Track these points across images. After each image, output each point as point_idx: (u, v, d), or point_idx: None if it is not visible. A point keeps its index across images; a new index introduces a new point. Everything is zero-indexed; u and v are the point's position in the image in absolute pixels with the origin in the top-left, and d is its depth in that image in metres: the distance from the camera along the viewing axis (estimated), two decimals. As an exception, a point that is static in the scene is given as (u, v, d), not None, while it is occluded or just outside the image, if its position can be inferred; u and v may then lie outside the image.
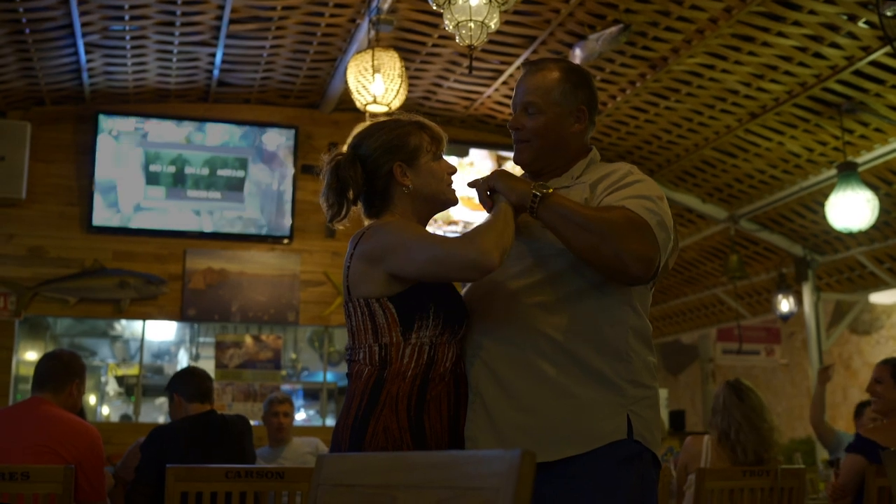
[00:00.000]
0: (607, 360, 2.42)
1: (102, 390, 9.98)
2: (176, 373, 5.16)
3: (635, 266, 2.34)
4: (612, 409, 2.39)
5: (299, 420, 9.71)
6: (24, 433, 4.01)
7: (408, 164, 2.62)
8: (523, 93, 2.66)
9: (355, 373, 2.50)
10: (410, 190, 2.62)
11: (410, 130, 2.66)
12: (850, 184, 7.42)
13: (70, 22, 6.96)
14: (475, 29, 4.52)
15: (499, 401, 2.42)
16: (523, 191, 2.43)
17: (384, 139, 2.64)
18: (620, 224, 2.34)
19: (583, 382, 2.39)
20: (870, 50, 6.40)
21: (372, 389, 2.42)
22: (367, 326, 2.47)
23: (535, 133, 2.63)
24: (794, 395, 12.99)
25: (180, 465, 3.71)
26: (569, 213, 2.37)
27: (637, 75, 7.55)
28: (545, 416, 2.38)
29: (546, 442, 2.36)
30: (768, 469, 4.43)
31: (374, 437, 2.36)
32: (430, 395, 2.43)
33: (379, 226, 2.54)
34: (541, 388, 2.40)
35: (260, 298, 8.98)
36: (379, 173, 2.62)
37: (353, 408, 2.43)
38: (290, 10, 7.15)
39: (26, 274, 8.48)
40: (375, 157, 2.62)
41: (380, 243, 2.46)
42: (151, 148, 8.92)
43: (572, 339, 2.42)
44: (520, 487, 1.27)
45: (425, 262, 2.38)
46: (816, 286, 9.99)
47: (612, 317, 2.46)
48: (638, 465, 2.39)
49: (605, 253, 2.34)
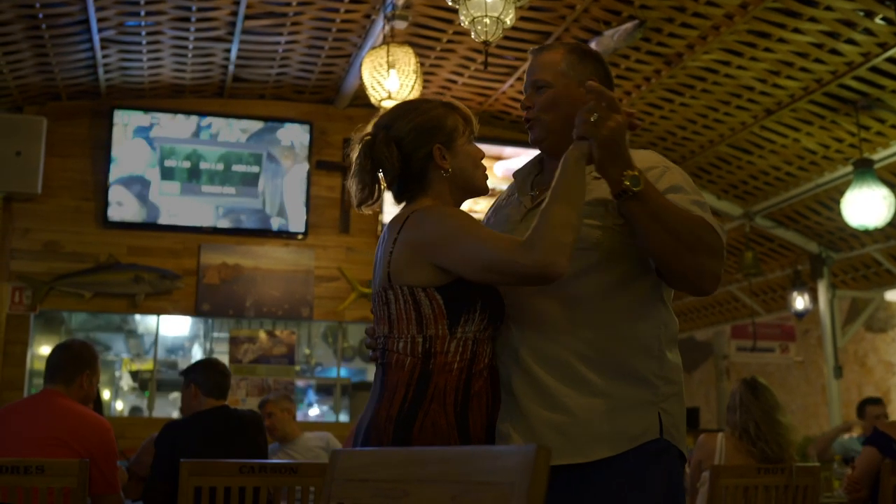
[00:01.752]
0: (640, 357, 2.37)
1: (116, 385, 10.02)
2: (197, 361, 5.13)
3: (710, 284, 2.33)
4: (644, 408, 2.34)
5: (312, 415, 9.75)
6: (37, 426, 4.01)
7: (446, 146, 2.50)
8: (531, 73, 2.60)
9: (395, 362, 2.37)
10: (449, 174, 2.49)
11: (445, 112, 2.55)
12: (866, 181, 7.38)
13: (86, 17, 6.99)
14: (490, 25, 4.52)
15: (531, 398, 2.36)
16: (618, 170, 2.22)
17: (420, 120, 2.51)
18: (706, 240, 2.29)
19: (616, 380, 2.34)
20: (886, 46, 6.37)
21: (418, 381, 2.32)
22: (411, 316, 2.36)
23: (545, 108, 2.54)
24: (808, 393, 12.94)
25: (194, 459, 3.72)
26: (662, 214, 2.24)
27: (652, 71, 7.53)
28: (579, 415, 2.31)
29: (581, 442, 2.31)
30: (783, 467, 4.41)
31: (423, 431, 2.27)
32: (473, 391, 2.35)
33: (425, 213, 2.41)
34: (574, 386, 2.34)
35: (274, 294, 9.00)
36: (416, 155, 2.48)
37: (397, 399, 2.32)
38: (306, 6, 7.16)
39: (41, 268, 8.51)
40: (412, 138, 2.49)
41: (428, 234, 2.35)
42: (166, 143, 8.95)
43: (605, 335, 2.36)
44: (534, 482, 1.27)
45: (480, 268, 2.26)
46: (832, 283, 9.95)
47: (645, 313, 2.41)
48: (666, 463, 2.36)
49: (687, 264, 2.30)
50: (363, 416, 2.44)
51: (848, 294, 10.44)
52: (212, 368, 4.89)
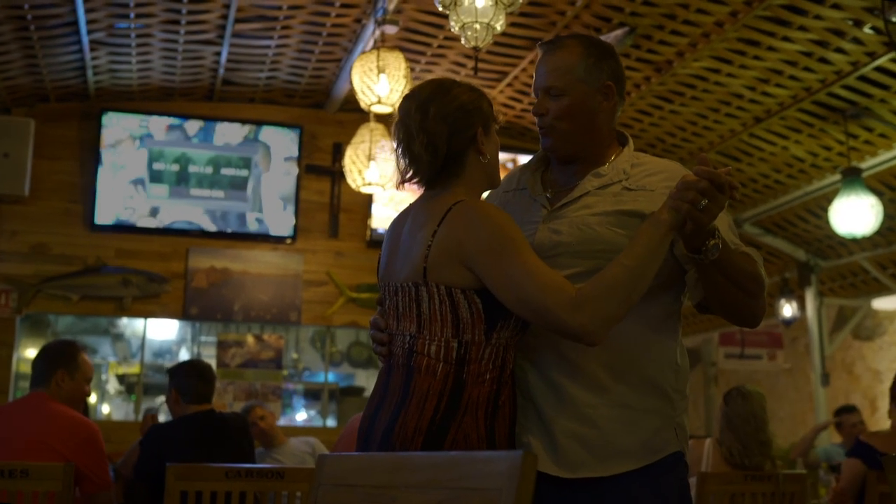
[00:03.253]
0: (661, 369, 2.35)
1: (103, 388, 9.98)
2: (179, 364, 5.04)
3: (761, 320, 2.38)
4: (664, 422, 2.33)
5: (300, 420, 9.72)
6: (23, 429, 3.99)
7: (486, 131, 2.38)
8: (544, 75, 2.45)
9: (425, 367, 2.24)
10: (487, 160, 2.38)
11: (480, 95, 2.41)
12: (854, 189, 7.40)
13: (75, 19, 6.97)
14: (481, 30, 4.52)
15: (553, 408, 2.30)
16: (702, 240, 2.17)
17: (463, 100, 2.35)
18: (762, 283, 2.31)
19: (639, 392, 2.31)
20: (875, 55, 6.39)
21: (452, 391, 2.21)
22: (447, 318, 2.23)
23: (561, 117, 2.42)
24: (796, 401, 12.96)
25: (180, 463, 3.70)
26: (730, 270, 2.24)
27: (642, 78, 7.55)
28: (603, 426, 2.28)
29: (605, 455, 2.27)
30: (770, 474, 4.42)
31: (454, 445, 2.17)
32: (500, 401, 2.26)
33: (470, 211, 2.25)
34: (597, 396, 2.29)
35: (262, 298, 8.98)
36: (460, 137, 2.33)
37: (429, 410, 2.20)
38: (296, 10, 7.15)
39: (29, 271, 8.48)
40: (457, 117, 2.33)
41: (473, 239, 2.20)
42: (155, 146, 8.93)
43: (629, 346, 2.31)
44: (521, 488, 1.27)
45: (516, 300, 2.15)
46: (819, 291, 9.98)
47: (667, 326, 2.40)
48: (678, 473, 2.37)
49: (745, 309, 2.36)
50: (373, 417, 2.31)
51: (836, 302, 10.47)
52: (193, 373, 4.79)
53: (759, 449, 4.68)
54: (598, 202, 2.37)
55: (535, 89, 2.50)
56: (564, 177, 2.49)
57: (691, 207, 2.09)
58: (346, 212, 9.27)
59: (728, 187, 2.13)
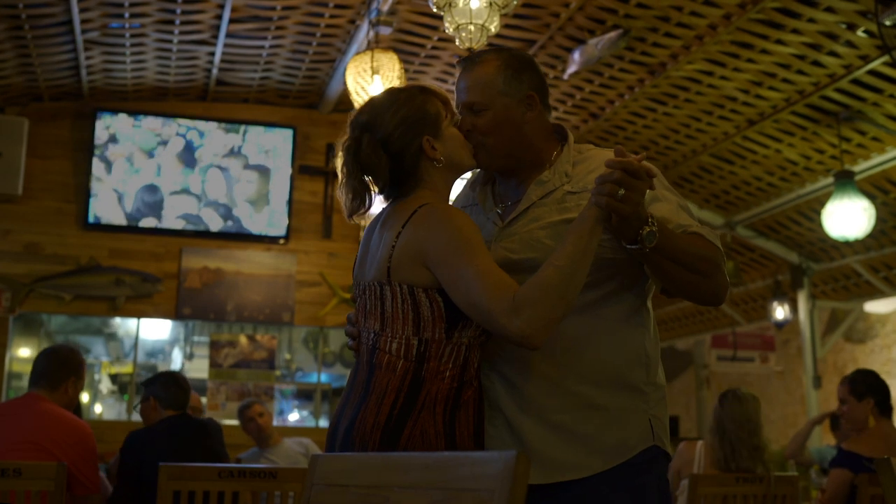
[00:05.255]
0: (630, 366, 2.34)
1: (96, 388, 9.96)
2: (157, 374, 5.09)
3: (722, 296, 2.36)
4: (637, 417, 2.33)
5: (292, 421, 9.72)
6: (17, 429, 4.00)
7: (434, 135, 2.37)
8: (464, 91, 2.44)
9: (385, 364, 2.27)
10: (442, 162, 2.38)
11: (426, 98, 2.41)
12: (847, 192, 7.42)
13: (69, 19, 6.96)
14: (475, 32, 4.52)
15: (521, 416, 2.31)
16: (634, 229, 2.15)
17: (403, 114, 2.37)
18: (714, 261, 2.30)
19: (608, 391, 2.31)
20: (868, 59, 6.41)
21: (410, 387, 2.23)
22: (408, 316, 2.26)
23: (487, 132, 2.41)
24: (788, 403, 12.99)
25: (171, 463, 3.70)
26: (676, 254, 2.22)
27: (636, 80, 7.56)
28: (575, 431, 2.28)
29: (577, 458, 2.27)
30: (761, 476, 4.43)
31: (411, 440, 2.20)
32: (462, 400, 2.26)
33: (432, 213, 2.28)
34: (565, 401, 2.29)
35: (255, 298, 8.98)
36: (407, 152, 2.35)
37: (386, 405, 2.24)
38: (290, 10, 7.15)
39: (21, 270, 8.47)
40: (399, 134, 2.35)
41: (432, 241, 2.24)
42: (149, 146, 8.92)
43: (595, 346, 2.32)
44: (514, 489, 1.27)
45: (465, 302, 2.18)
46: (812, 294, 9.99)
47: (632, 321, 2.39)
48: (657, 468, 2.36)
49: (703, 290, 2.34)
50: (339, 413, 2.35)
51: (828, 305, 10.49)
52: (171, 382, 4.84)
53: (751, 453, 4.68)
54: (544, 213, 2.37)
55: (457, 106, 2.47)
56: (511, 188, 2.50)
57: (610, 200, 2.08)
58: (339, 212, 9.14)
59: (644, 173, 2.10)
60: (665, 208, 2.29)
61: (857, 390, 5.01)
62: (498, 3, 4.49)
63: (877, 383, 5.04)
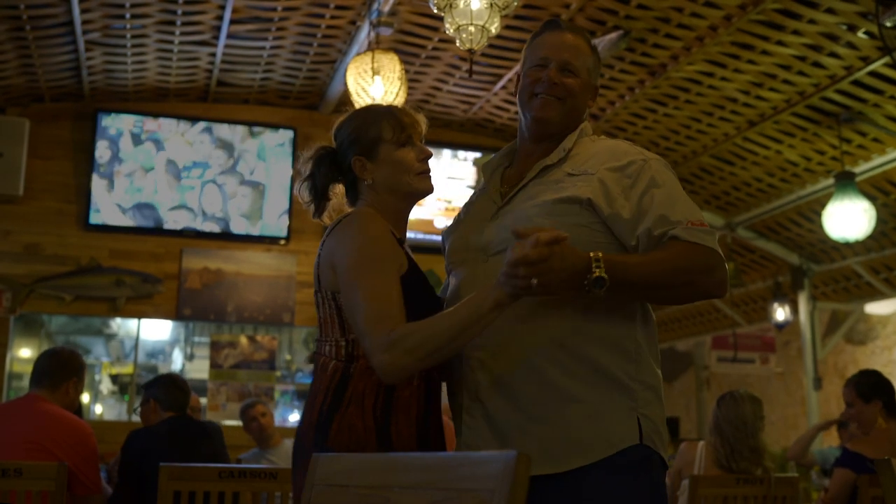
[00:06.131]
0: (617, 361, 2.27)
1: (96, 389, 9.96)
2: (157, 377, 5.13)
3: (719, 292, 2.26)
4: (622, 414, 2.25)
5: (293, 421, 9.71)
6: (18, 430, 4.00)
7: (367, 156, 2.48)
8: (563, 48, 2.47)
9: (320, 366, 2.39)
10: (371, 184, 2.49)
11: (374, 119, 2.51)
12: (848, 193, 7.42)
13: (71, 19, 6.96)
14: (476, 33, 4.52)
15: (503, 408, 2.27)
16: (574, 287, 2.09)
17: (348, 131, 2.54)
18: (696, 267, 2.21)
19: (592, 385, 2.24)
20: (869, 60, 6.41)
21: (338, 385, 2.32)
22: (335, 320, 2.37)
23: (570, 93, 2.45)
24: (788, 404, 12.98)
25: (172, 464, 3.70)
26: (639, 283, 2.17)
27: (636, 82, 7.56)
28: (556, 424, 2.23)
29: (558, 452, 2.22)
30: (762, 477, 4.43)
31: (339, 434, 2.26)
32: (397, 398, 2.31)
33: (345, 227, 2.40)
34: (548, 394, 2.24)
35: (256, 299, 8.98)
36: (344, 165, 2.53)
37: (318, 404, 2.33)
38: (291, 11, 7.15)
39: (22, 271, 8.46)
40: (343, 150, 2.54)
41: (337, 254, 2.36)
42: (150, 146, 8.92)
43: (580, 339, 2.25)
44: (514, 489, 1.27)
45: (350, 318, 2.29)
46: (812, 295, 9.99)
47: (621, 313, 2.30)
48: (648, 471, 2.27)
49: (686, 295, 2.28)
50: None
51: (828, 306, 10.49)
52: (171, 385, 4.88)
53: (749, 455, 4.67)
54: (539, 191, 2.38)
55: (543, 59, 2.48)
56: (519, 169, 2.52)
57: (523, 286, 2.04)
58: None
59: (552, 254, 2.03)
60: (659, 197, 2.25)
61: (864, 393, 4.96)
62: (498, 4, 4.49)
63: (883, 383, 5.00)
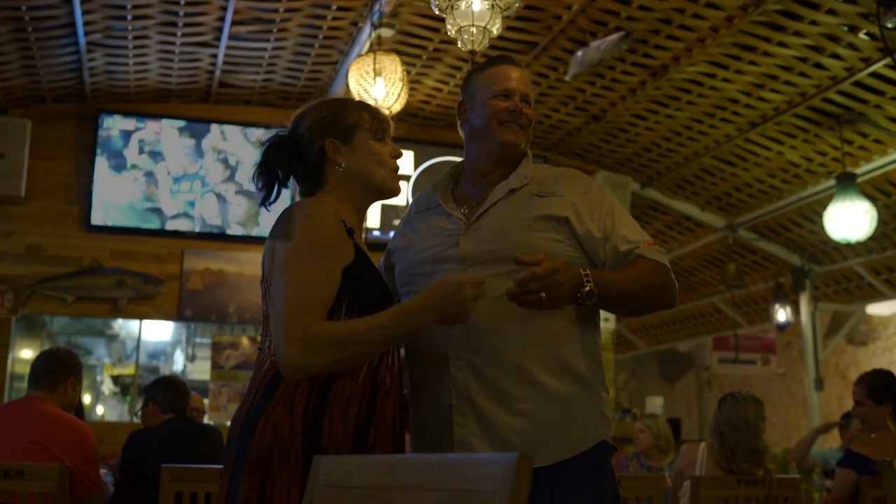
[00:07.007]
0: (588, 363, 2.46)
1: (98, 389, 9.97)
2: (156, 379, 5.15)
3: (672, 304, 2.56)
4: (592, 412, 2.44)
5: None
6: (18, 431, 4.00)
7: (342, 140, 2.43)
8: (522, 84, 2.64)
9: (259, 361, 2.30)
10: (343, 168, 2.42)
11: (352, 107, 2.51)
12: (849, 194, 7.42)
13: (72, 20, 6.96)
14: (477, 34, 4.53)
15: (492, 405, 2.38)
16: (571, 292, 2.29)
17: (320, 115, 2.48)
18: (657, 283, 2.47)
19: (570, 385, 2.41)
20: (870, 61, 6.41)
21: (269, 383, 2.20)
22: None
23: (530, 122, 2.64)
24: (790, 405, 12.98)
25: (173, 465, 3.70)
26: (619, 296, 2.41)
27: (637, 83, 7.56)
28: (540, 420, 2.37)
29: (542, 446, 2.35)
30: (763, 478, 4.42)
31: (262, 436, 2.13)
32: (334, 396, 2.18)
33: (289, 215, 2.33)
34: (533, 392, 2.38)
35: (257, 300, 8.86)
36: (311, 150, 2.44)
37: (248, 402, 2.23)
38: (293, 13, 7.15)
39: (24, 272, 8.46)
40: (309, 135, 2.45)
41: (279, 242, 2.31)
42: (151, 147, 8.92)
43: (560, 342, 2.43)
44: (516, 491, 1.27)
45: (271, 303, 2.27)
46: (814, 296, 10.00)
47: (589, 319, 2.51)
48: (608, 466, 2.47)
49: (648, 307, 2.57)
50: None
51: (830, 307, 10.50)
52: (169, 386, 4.90)
53: (749, 456, 4.66)
54: (511, 210, 2.51)
55: (509, 91, 2.62)
56: (476, 190, 2.64)
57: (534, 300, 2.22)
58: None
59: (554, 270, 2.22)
60: (618, 218, 2.52)
61: (876, 394, 4.91)
62: (500, 6, 4.49)
63: (895, 386, 4.97)
